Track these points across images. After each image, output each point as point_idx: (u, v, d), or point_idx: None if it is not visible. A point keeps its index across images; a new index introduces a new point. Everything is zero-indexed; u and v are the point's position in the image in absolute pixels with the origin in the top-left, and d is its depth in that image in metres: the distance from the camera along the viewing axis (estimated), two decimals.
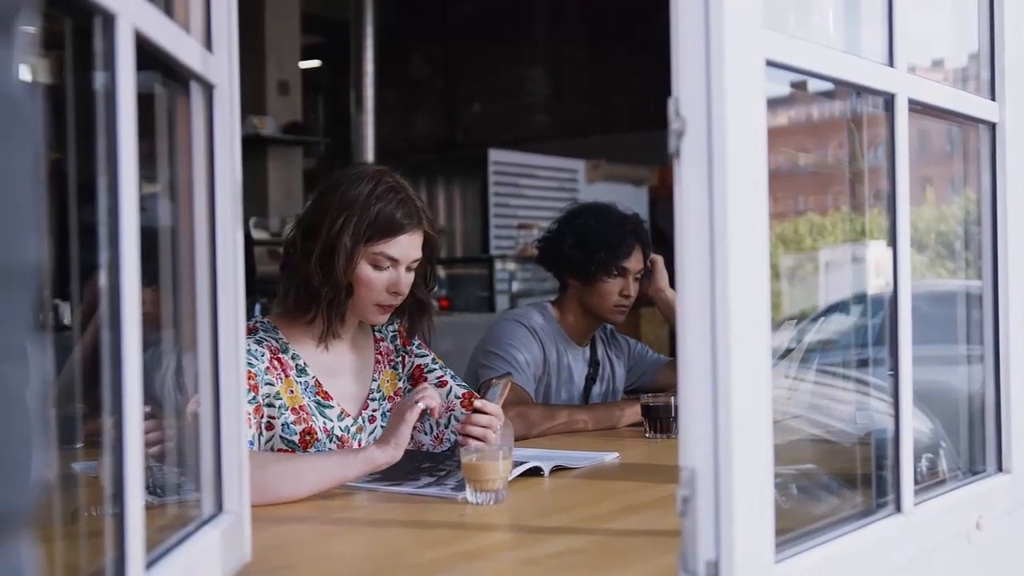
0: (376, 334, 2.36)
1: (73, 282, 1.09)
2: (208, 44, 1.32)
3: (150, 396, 1.08)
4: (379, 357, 2.33)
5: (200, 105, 1.32)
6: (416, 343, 2.39)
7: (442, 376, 2.36)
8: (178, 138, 1.32)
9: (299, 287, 2.15)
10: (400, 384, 2.34)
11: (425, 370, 2.37)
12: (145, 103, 1.06)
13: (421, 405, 1.92)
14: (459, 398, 2.31)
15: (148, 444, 1.48)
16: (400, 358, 2.36)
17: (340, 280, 2.12)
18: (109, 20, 0.97)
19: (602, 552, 1.54)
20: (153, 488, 1.31)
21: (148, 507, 1.05)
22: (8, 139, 0.55)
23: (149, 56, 1.09)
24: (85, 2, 0.93)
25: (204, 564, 1.24)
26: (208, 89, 1.32)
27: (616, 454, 2.33)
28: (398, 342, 2.37)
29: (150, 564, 1.07)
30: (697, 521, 1.15)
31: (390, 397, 2.31)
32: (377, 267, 2.15)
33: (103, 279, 0.98)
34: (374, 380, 2.30)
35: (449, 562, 1.50)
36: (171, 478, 1.50)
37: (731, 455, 1.13)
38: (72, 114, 1.04)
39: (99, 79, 0.99)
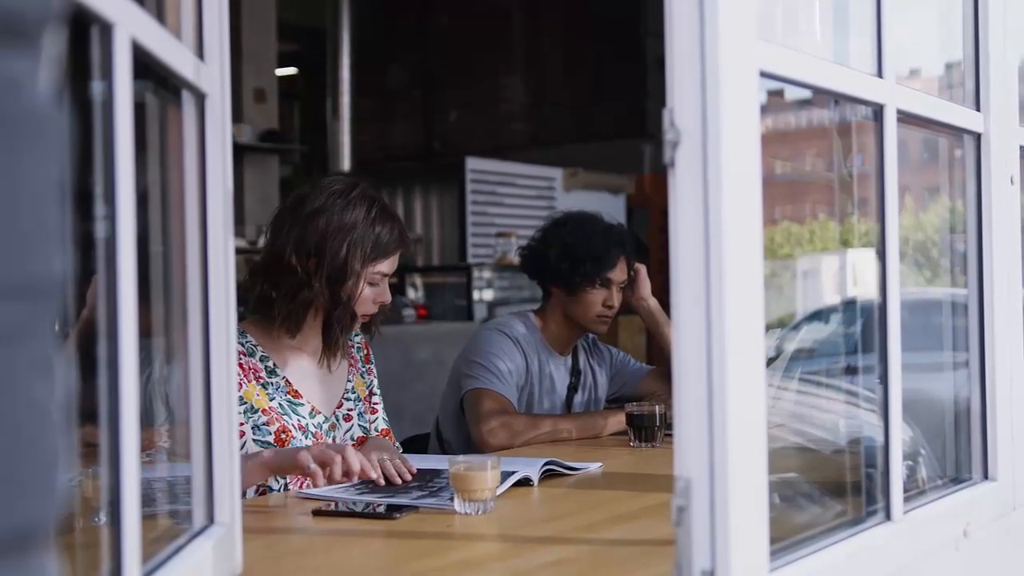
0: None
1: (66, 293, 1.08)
2: (200, 53, 1.31)
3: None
4: (352, 361, 2.42)
5: (192, 114, 1.31)
6: (371, 364, 2.50)
7: (377, 404, 2.47)
8: (169, 147, 1.32)
9: (302, 308, 2.22)
10: (366, 391, 2.44)
11: (372, 393, 2.47)
12: (135, 112, 1.05)
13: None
14: (378, 431, 2.40)
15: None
16: (366, 368, 2.47)
17: (352, 303, 2.22)
18: (106, 29, 0.97)
19: (594, 561, 1.54)
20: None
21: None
22: (36, 152, 0.55)
23: (141, 64, 1.08)
24: (83, 11, 0.92)
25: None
26: (200, 98, 1.31)
27: (600, 464, 2.33)
28: (362, 354, 2.47)
29: None
30: (692, 530, 1.15)
31: (364, 399, 2.41)
32: (371, 284, 2.25)
33: (100, 289, 0.98)
34: (349, 381, 2.38)
35: (442, 573, 1.50)
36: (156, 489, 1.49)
37: (726, 464, 1.13)
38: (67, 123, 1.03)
39: (95, 88, 0.99)
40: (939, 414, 1.96)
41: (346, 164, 8.94)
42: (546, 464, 2.16)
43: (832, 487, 1.69)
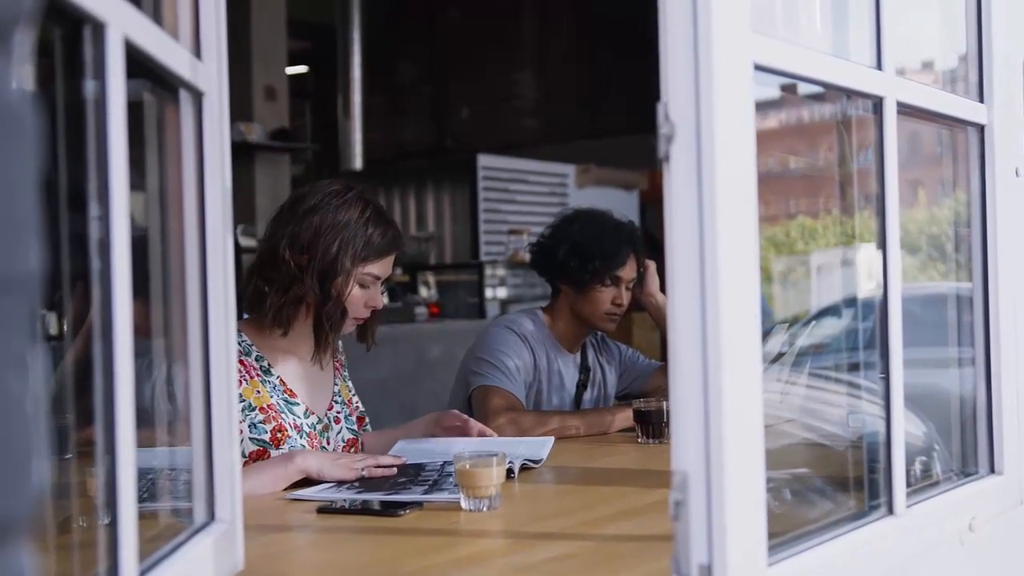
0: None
1: (63, 292, 1.09)
2: (197, 52, 1.32)
3: (140, 407, 1.08)
4: (337, 366, 2.46)
5: (189, 113, 1.31)
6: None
7: (346, 413, 2.46)
8: (167, 146, 1.32)
9: (292, 303, 2.24)
10: (350, 394, 2.47)
11: (351, 400, 2.49)
12: (133, 111, 1.06)
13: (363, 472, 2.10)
14: (344, 441, 2.40)
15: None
16: (346, 372, 2.50)
17: (341, 299, 2.24)
18: (99, 28, 0.97)
19: (596, 557, 1.54)
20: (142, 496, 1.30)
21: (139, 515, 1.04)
22: (9, 149, 0.55)
23: (137, 63, 1.09)
24: (75, 10, 0.93)
25: (197, 572, 1.24)
26: (197, 97, 1.31)
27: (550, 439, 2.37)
28: (342, 359, 2.50)
29: (143, 573, 1.07)
30: (689, 525, 1.15)
31: (347, 402, 2.44)
32: (362, 286, 2.28)
33: (95, 289, 0.98)
34: (335, 385, 2.42)
35: (444, 569, 1.50)
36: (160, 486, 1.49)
37: (723, 458, 1.13)
38: (60, 122, 1.04)
39: (88, 87, 0.99)
40: (946, 408, 1.95)
41: (357, 162, 8.95)
42: (524, 460, 2.19)
43: (837, 482, 1.69)
